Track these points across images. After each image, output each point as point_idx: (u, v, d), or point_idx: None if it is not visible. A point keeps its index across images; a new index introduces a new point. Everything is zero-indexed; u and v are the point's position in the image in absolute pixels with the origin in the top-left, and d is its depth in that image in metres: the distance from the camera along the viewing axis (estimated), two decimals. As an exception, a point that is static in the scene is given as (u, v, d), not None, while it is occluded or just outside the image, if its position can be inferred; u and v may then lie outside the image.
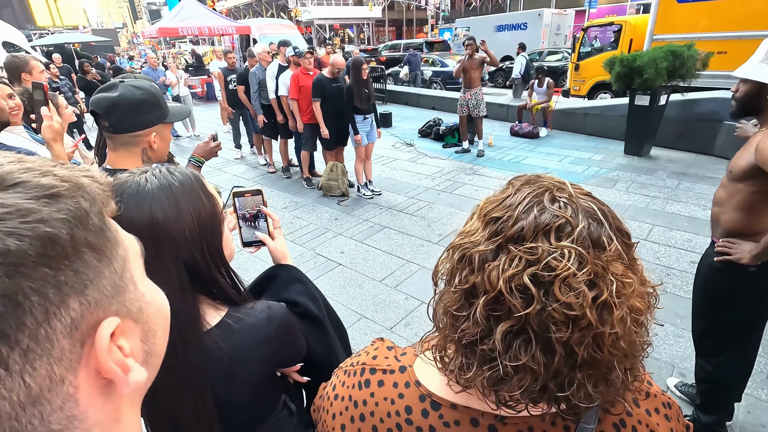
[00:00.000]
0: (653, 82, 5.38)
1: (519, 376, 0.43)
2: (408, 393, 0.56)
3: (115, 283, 0.31)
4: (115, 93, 1.25)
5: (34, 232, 0.25)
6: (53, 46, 17.38)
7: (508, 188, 0.51)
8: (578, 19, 19.11)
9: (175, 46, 26.02)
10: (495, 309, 0.44)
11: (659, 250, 3.58)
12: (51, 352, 0.26)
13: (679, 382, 2.23)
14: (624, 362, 0.44)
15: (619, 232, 0.47)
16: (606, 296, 0.42)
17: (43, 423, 0.27)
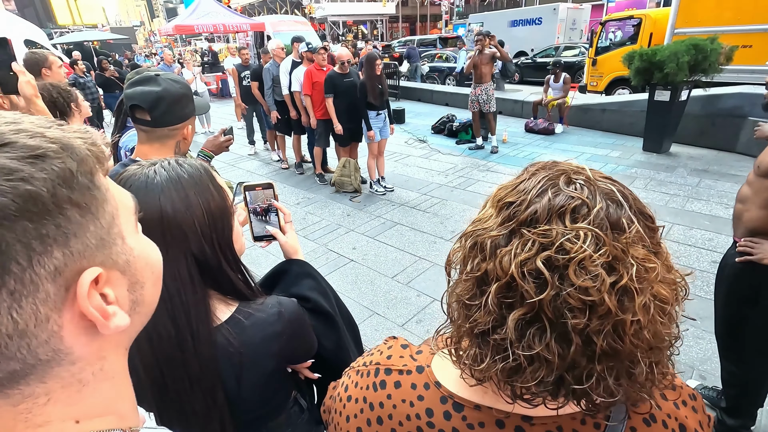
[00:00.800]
0: (674, 77, 5.23)
1: (533, 366, 0.41)
2: (428, 395, 0.54)
3: (100, 237, 0.34)
4: (159, 87, 1.27)
5: (15, 190, 0.28)
6: (73, 44, 17.75)
7: (523, 174, 0.49)
8: (594, 13, 18.71)
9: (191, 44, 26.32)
10: (507, 296, 0.42)
11: (679, 249, 3.49)
12: (36, 294, 0.30)
13: (698, 384, 2.17)
14: (649, 355, 0.41)
15: (641, 214, 0.44)
16: (626, 280, 0.39)
17: (31, 352, 0.31)
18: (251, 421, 0.86)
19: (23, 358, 0.30)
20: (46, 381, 0.32)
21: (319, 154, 5.58)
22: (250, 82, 6.15)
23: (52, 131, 0.31)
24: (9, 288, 0.28)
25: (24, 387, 0.32)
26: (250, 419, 0.85)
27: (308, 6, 29.91)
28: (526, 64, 14.46)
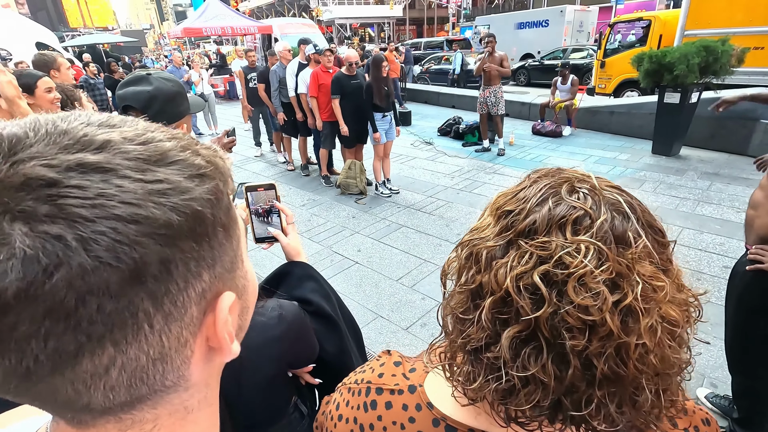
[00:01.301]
0: (684, 78, 5.17)
1: (528, 389, 0.38)
2: (419, 417, 0.51)
3: (232, 260, 0.33)
4: (151, 86, 1.25)
5: (189, 209, 0.27)
6: (84, 46, 17.99)
7: (525, 181, 0.46)
8: (602, 15, 18.59)
9: (200, 46, 26.57)
10: (502, 312, 0.39)
11: (689, 254, 3.43)
12: (183, 317, 0.29)
13: (710, 393, 2.12)
14: (655, 382, 0.38)
15: (650, 228, 0.41)
16: (630, 300, 0.36)
17: (162, 378, 0.30)
18: (251, 426, 0.84)
19: (153, 383, 0.29)
20: (156, 408, 0.31)
21: (325, 156, 5.58)
22: (257, 84, 6.17)
23: (203, 150, 0.31)
24: (165, 311, 0.27)
25: (137, 413, 0.30)
26: (250, 424, 0.84)
27: (315, 9, 30.05)
28: (534, 67, 14.40)
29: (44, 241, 0.22)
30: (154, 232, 0.25)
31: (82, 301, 0.23)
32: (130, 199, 0.25)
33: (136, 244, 0.25)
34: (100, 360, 0.26)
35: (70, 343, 0.24)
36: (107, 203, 0.24)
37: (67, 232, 0.23)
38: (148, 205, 0.25)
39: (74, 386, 0.26)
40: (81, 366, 0.25)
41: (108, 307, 0.24)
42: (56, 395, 0.27)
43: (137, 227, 0.25)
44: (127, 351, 0.27)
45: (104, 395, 0.27)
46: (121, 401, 0.29)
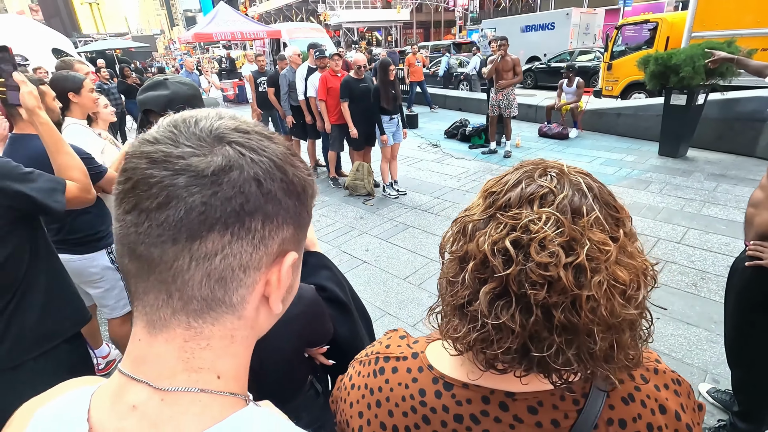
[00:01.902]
0: (690, 80, 5.19)
1: (500, 335, 0.46)
2: (421, 377, 0.58)
3: (302, 239, 0.44)
4: (168, 90, 1.34)
5: (303, 181, 0.41)
6: (96, 52, 18.34)
7: (511, 168, 0.54)
8: (609, 17, 18.55)
9: (209, 51, 26.94)
10: (481, 272, 0.47)
11: (694, 254, 3.46)
12: (269, 247, 0.39)
13: (711, 388, 2.16)
14: (608, 334, 0.45)
15: (606, 204, 0.49)
16: (581, 259, 0.43)
17: (236, 289, 0.38)
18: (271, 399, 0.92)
19: (228, 290, 0.38)
20: (215, 325, 0.39)
21: (334, 159, 5.68)
22: (267, 88, 6.29)
23: None
24: (264, 233, 0.38)
25: (202, 323, 0.38)
26: (270, 397, 0.91)
27: (323, 13, 30.33)
28: (541, 69, 14.41)
29: (236, 153, 0.36)
30: (284, 179, 0.39)
31: (235, 194, 0.35)
32: (280, 156, 0.39)
33: (274, 179, 0.38)
34: (218, 242, 0.36)
35: (214, 218, 0.35)
36: (269, 152, 0.39)
37: (248, 154, 0.37)
38: (287, 165, 0.40)
39: (191, 258, 0.36)
40: (207, 241, 0.36)
41: (245, 206, 0.36)
42: (174, 263, 0.36)
43: (278, 171, 0.38)
44: (233, 245, 0.36)
45: (201, 277, 0.36)
46: (204, 294, 0.37)
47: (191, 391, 0.38)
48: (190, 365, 0.38)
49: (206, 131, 0.37)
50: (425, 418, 0.56)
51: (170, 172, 0.35)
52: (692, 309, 2.80)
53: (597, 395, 0.52)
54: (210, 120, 0.39)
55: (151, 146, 0.36)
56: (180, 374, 0.38)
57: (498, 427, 0.53)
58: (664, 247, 3.60)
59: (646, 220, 4.09)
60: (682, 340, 2.54)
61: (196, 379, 0.38)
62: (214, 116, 0.40)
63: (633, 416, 0.52)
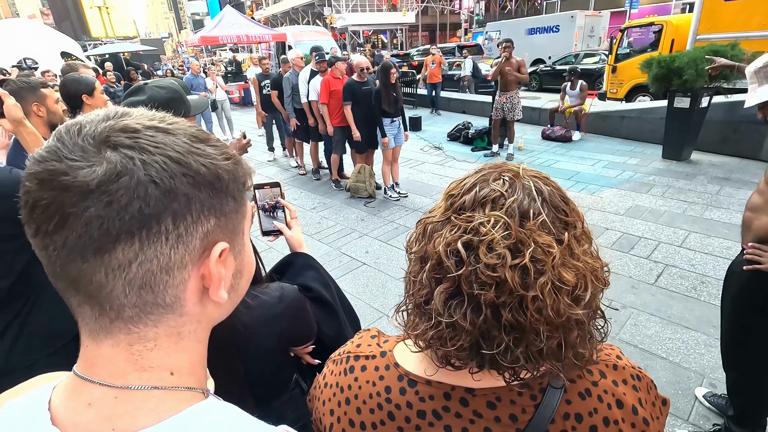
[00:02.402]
0: (693, 83, 5.17)
1: (453, 333, 0.47)
2: (387, 375, 0.60)
3: (235, 225, 0.44)
4: (144, 96, 1.34)
5: (213, 169, 0.40)
6: (106, 55, 18.58)
7: (472, 171, 0.56)
8: (614, 20, 18.50)
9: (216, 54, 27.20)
10: (438, 272, 0.49)
11: (695, 258, 3.44)
12: (189, 244, 0.39)
13: (708, 392, 2.15)
14: (554, 333, 0.46)
15: (554, 208, 0.50)
16: (526, 260, 0.44)
17: (164, 290, 0.39)
18: (257, 397, 0.94)
19: (157, 293, 0.38)
20: (158, 325, 0.39)
21: (336, 161, 5.71)
22: (270, 90, 6.35)
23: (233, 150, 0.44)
24: (179, 231, 0.38)
25: (143, 327, 0.39)
26: (256, 395, 0.93)
27: (329, 16, 30.51)
28: (545, 72, 14.39)
29: (121, 158, 0.35)
30: (187, 173, 0.37)
31: (131, 201, 0.35)
32: (179, 149, 0.38)
33: (174, 176, 0.37)
34: (128, 252, 0.36)
35: (115, 229, 0.35)
36: (164, 148, 0.37)
37: (136, 156, 0.36)
38: (189, 157, 0.38)
39: (106, 271, 0.36)
40: (116, 253, 0.35)
41: (145, 210, 0.35)
42: (92, 278, 0.36)
43: (177, 166, 0.37)
44: (147, 251, 0.36)
45: (123, 287, 0.37)
46: (133, 301, 0.37)
47: (144, 389, 0.39)
48: (140, 365, 0.39)
49: (90, 138, 0.36)
50: (390, 415, 0.57)
51: (57, 192, 0.34)
52: (691, 313, 2.79)
53: (554, 391, 0.53)
54: (94, 124, 0.37)
55: (39, 165, 0.35)
56: (131, 374, 0.39)
57: (459, 423, 0.54)
58: (665, 251, 3.58)
59: (648, 224, 4.07)
60: (679, 344, 2.53)
61: (148, 377, 0.39)
62: (100, 118, 0.38)
63: (589, 410, 0.53)
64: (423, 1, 34.43)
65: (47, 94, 2.03)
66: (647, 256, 3.53)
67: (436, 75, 10.30)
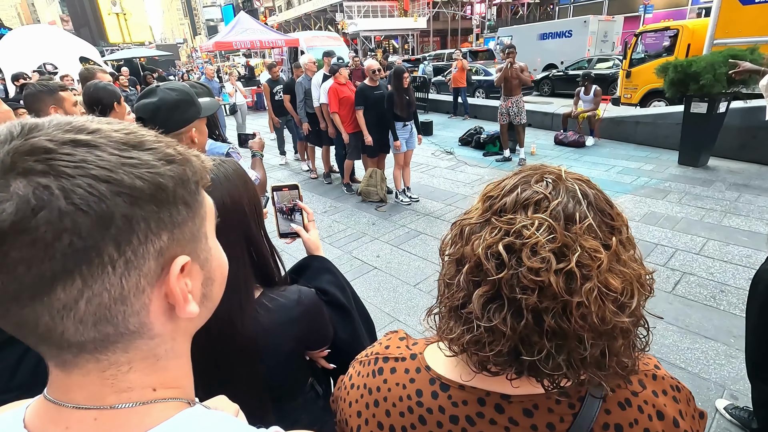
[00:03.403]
0: (711, 88, 5.08)
1: (491, 338, 0.46)
2: (418, 377, 0.59)
3: (194, 232, 0.40)
4: (156, 98, 1.37)
5: (153, 180, 0.34)
6: (122, 60, 18.97)
7: (510, 173, 0.55)
8: (628, 25, 18.32)
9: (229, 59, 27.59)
10: (476, 275, 0.48)
11: (713, 266, 3.36)
12: (142, 267, 0.35)
13: (729, 404, 2.09)
14: (599, 341, 0.45)
15: (601, 212, 0.49)
16: (572, 265, 0.43)
17: (125, 320, 0.36)
18: (273, 399, 0.93)
19: (117, 324, 0.35)
20: (128, 351, 0.37)
21: (350, 167, 5.71)
22: (283, 95, 6.40)
23: (179, 147, 0.39)
24: (126, 257, 0.33)
25: (111, 354, 0.36)
26: (273, 397, 0.93)
27: (341, 22, 30.75)
28: (558, 77, 14.30)
29: (35, 189, 0.30)
30: (121, 191, 0.32)
31: (59, 237, 0.30)
32: (106, 165, 0.32)
33: (105, 198, 0.31)
34: (71, 291, 0.32)
35: (48, 271, 0.30)
36: (87, 166, 0.32)
37: (53, 183, 0.30)
38: (119, 171, 0.33)
39: (51, 314, 0.32)
40: (56, 294, 0.31)
41: (78, 244, 0.31)
42: (38, 321, 0.32)
43: (107, 186, 0.32)
44: (93, 286, 0.32)
45: (75, 326, 0.33)
46: (91, 337, 0.34)
47: (127, 406, 0.37)
48: (118, 388, 0.37)
49: None
50: (421, 419, 0.56)
51: None
52: (710, 322, 2.72)
53: (593, 399, 0.52)
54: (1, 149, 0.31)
55: None
56: (110, 396, 0.37)
57: (493, 429, 0.53)
58: (682, 258, 3.51)
59: (664, 230, 4.00)
60: (699, 354, 2.47)
61: (128, 396, 0.37)
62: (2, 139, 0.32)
63: (629, 421, 0.51)
64: (434, 7, 34.53)
65: (65, 96, 2.07)
66: (664, 263, 3.46)
67: (459, 80, 10.26)
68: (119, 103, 2.30)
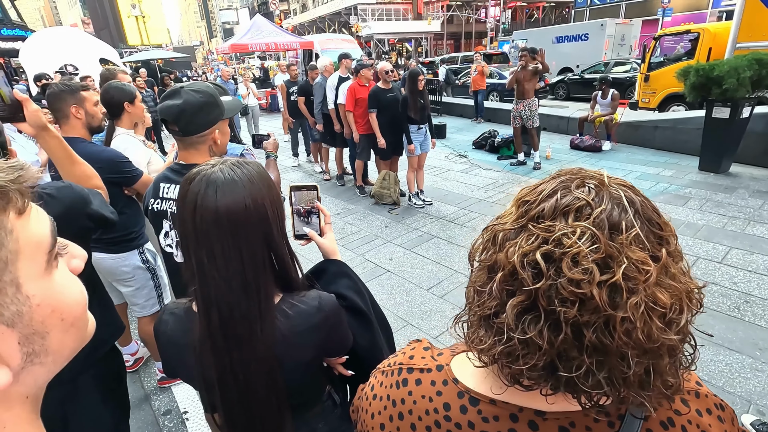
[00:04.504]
0: (734, 93, 4.95)
1: (525, 350, 0.43)
2: (446, 390, 0.56)
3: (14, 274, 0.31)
4: (180, 100, 1.34)
5: None
6: (140, 62, 19.33)
7: (548, 177, 0.52)
8: (646, 28, 18.03)
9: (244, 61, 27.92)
10: (510, 284, 0.45)
11: (737, 275, 3.26)
12: None
13: (756, 420, 2.01)
14: (644, 359, 0.42)
15: (648, 221, 0.45)
16: (617, 278, 0.40)
17: None
18: (292, 407, 0.91)
19: None
20: None
21: (361, 167, 5.72)
22: (297, 97, 6.43)
23: None
24: None
25: None
26: (291, 405, 0.90)
27: (355, 25, 30.90)
28: (573, 80, 14.13)
29: None
30: None
31: None
32: None
33: None
34: None
35: None
36: None
37: None
38: None
39: None
40: None
41: None
42: None
43: None
44: None
45: None
46: None
47: None
48: None
49: None
50: None
51: None
52: (734, 334, 2.63)
53: (633, 418, 0.49)
54: None
55: None
56: None
57: None
58: (704, 267, 3.41)
59: (685, 238, 3.89)
60: (723, 367, 2.38)
61: None
62: None
63: None
64: (448, 10, 34.48)
65: (86, 96, 2.09)
66: (685, 272, 3.36)
67: (479, 82, 10.20)
68: (132, 103, 2.31)
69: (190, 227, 0.79)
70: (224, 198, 0.79)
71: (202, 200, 0.78)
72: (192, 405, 2.36)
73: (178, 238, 1.35)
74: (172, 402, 2.39)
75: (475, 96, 10.36)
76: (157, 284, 2.32)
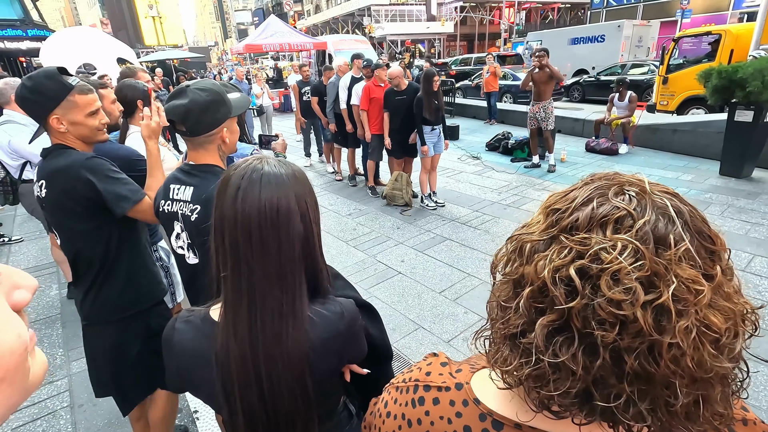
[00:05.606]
0: (758, 96, 4.81)
1: (557, 375, 0.39)
2: (466, 412, 0.53)
3: None
4: (186, 99, 1.31)
5: None
6: (156, 61, 19.62)
7: (579, 182, 0.47)
8: (664, 30, 17.72)
9: (258, 62, 28.16)
10: (539, 301, 0.41)
11: (761, 284, 3.15)
12: None
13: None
14: (692, 388, 0.37)
15: (699, 234, 0.40)
16: (665, 299, 0.36)
17: None
18: None
19: None
20: None
21: (372, 168, 5.70)
22: (310, 97, 6.44)
23: None
24: None
25: None
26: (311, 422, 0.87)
27: (368, 26, 30.95)
28: (589, 82, 13.93)
29: None
30: None
31: None
32: None
33: None
34: None
35: None
36: None
37: None
38: None
39: None
40: None
41: None
42: None
43: None
44: None
45: None
46: None
47: None
48: None
49: None
50: None
51: None
52: (760, 345, 2.53)
53: None
54: None
55: None
56: None
57: None
58: (726, 275, 3.30)
59: (705, 244, 3.78)
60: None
61: None
62: None
63: None
64: (462, 11, 34.32)
65: (104, 94, 2.10)
66: (706, 279, 3.27)
67: (491, 84, 10.10)
68: (145, 101, 2.32)
69: (230, 211, 0.76)
70: (269, 187, 0.78)
71: (248, 184, 0.77)
72: (202, 404, 2.35)
73: (190, 239, 1.34)
74: (183, 401, 2.39)
75: (488, 98, 10.26)
76: (170, 282, 2.32)
